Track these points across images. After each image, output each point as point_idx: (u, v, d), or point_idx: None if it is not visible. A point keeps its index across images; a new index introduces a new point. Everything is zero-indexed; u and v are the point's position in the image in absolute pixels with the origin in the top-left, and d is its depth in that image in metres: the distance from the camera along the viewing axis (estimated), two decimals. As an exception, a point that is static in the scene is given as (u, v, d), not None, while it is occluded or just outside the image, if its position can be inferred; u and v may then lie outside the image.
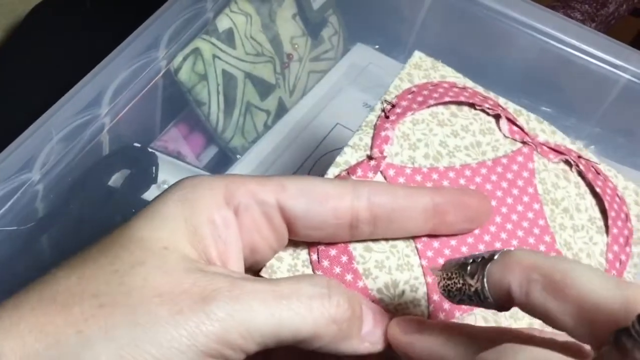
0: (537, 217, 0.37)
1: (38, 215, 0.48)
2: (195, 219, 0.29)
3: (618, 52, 0.62)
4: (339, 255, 0.33)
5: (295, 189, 0.30)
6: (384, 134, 0.36)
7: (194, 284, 0.27)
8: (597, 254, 0.37)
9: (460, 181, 0.36)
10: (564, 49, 0.63)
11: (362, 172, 0.35)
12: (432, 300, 0.33)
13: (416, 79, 0.39)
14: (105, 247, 0.28)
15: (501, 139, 0.39)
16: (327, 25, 0.70)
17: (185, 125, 0.63)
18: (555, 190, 0.38)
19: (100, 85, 0.51)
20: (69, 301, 0.26)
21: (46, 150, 0.47)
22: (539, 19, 0.63)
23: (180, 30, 0.57)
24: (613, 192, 0.39)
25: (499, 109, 0.39)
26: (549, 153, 0.39)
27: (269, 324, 0.27)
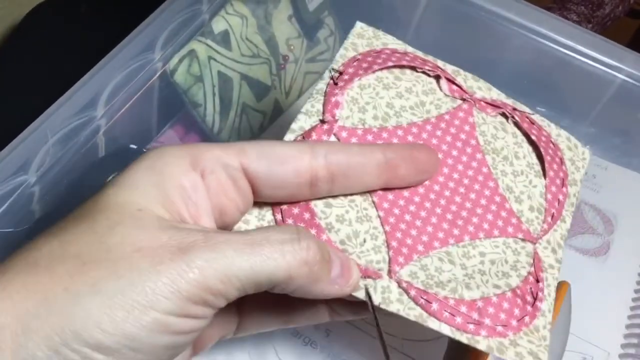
0: (480, 166, 0.40)
1: (34, 218, 0.49)
2: (165, 185, 0.30)
3: (613, 53, 0.62)
4: (301, 213, 0.35)
5: (256, 152, 0.32)
6: (334, 99, 0.39)
7: (171, 238, 0.28)
8: (537, 195, 0.41)
9: (408, 138, 0.39)
10: (559, 49, 0.63)
11: (317, 136, 0.37)
12: (392, 246, 0.36)
13: (360, 48, 0.42)
14: (83, 214, 0.29)
15: (442, 98, 0.42)
16: (323, 27, 0.70)
17: (182, 126, 0.63)
18: (495, 140, 0.41)
19: (96, 87, 0.51)
20: (53, 263, 0.27)
21: (42, 153, 0.47)
22: (534, 20, 0.63)
23: (176, 32, 0.57)
24: (547, 139, 0.43)
25: (438, 70, 0.42)
26: (486, 107, 0.42)
27: (244, 269, 0.29)
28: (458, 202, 0.38)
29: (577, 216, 0.61)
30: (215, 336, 0.37)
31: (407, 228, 0.37)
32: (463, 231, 0.38)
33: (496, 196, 0.39)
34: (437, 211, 0.38)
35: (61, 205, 0.50)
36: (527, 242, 0.39)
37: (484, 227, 0.38)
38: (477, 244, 0.38)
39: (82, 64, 0.52)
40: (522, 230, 0.39)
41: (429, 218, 0.37)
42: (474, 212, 0.38)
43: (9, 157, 0.45)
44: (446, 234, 0.37)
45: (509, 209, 0.39)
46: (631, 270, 0.58)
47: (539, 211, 0.40)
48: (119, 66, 0.53)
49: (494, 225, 0.39)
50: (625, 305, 0.55)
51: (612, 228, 0.60)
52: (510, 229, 0.39)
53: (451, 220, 0.38)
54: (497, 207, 0.39)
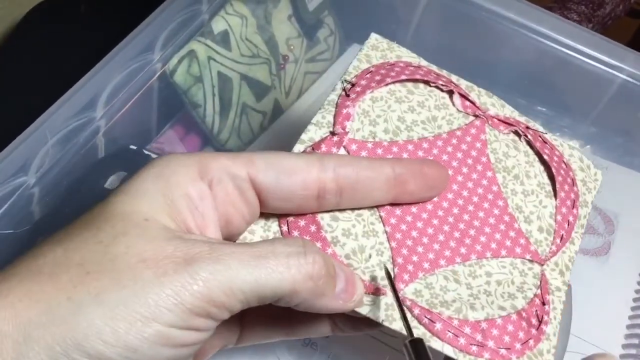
0: (490, 184, 0.40)
1: (34, 219, 0.48)
2: (172, 193, 0.30)
3: (614, 52, 0.62)
4: (307, 225, 0.35)
5: (264, 162, 0.32)
6: (345, 111, 0.38)
7: (176, 249, 0.28)
8: (547, 216, 0.40)
9: (418, 153, 0.39)
10: (559, 49, 0.63)
11: (326, 148, 0.37)
12: (397, 263, 0.36)
13: (374, 60, 0.42)
14: (88, 222, 0.29)
15: (455, 113, 0.41)
16: (322, 26, 0.70)
17: (182, 127, 0.63)
18: (506, 159, 0.41)
19: (96, 88, 0.51)
20: (56, 271, 0.27)
21: (41, 154, 0.47)
22: (535, 20, 0.63)
23: (176, 33, 0.57)
24: (559, 159, 0.42)
25: (451, 85, 0.42)
26: (499, 125, 0.42)
27: (249, 282, 0.28)
28: (466, 219, 0.38)
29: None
30: (216, 346, 0.37)
31: (414, 245, 0.36)
32: (470, 250, 0.37)
33: (505, 215, 0.39)
34: (444, 228, 0.37)
35: (61, 206, 0.50)
36: (534, 264, 0.39)
37: (491, 246, 0.38)
38: (483, 263, 0.37)
39: (82, 64, 0.52)
40: (530, 252, 0.39)
41: (436, 235, 0.37)
42: (482, 231, 0.38)
43: (8, 158, 0.45)
44: (453, 252, 0.37)
45: (517, 228, 0.39)
46: (632, 270, 0.57)
47: (548, 232, 0.40)
48: (118, 67, 0.53)
49: (502, 245, 0.38)
50: (626, 306, 0.55)
51: (613, 228, 0.60)
52: (518, 249, 0.38)
53: (459, 238, 0.37)
54: (505, 226, 0.39)
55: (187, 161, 0.31)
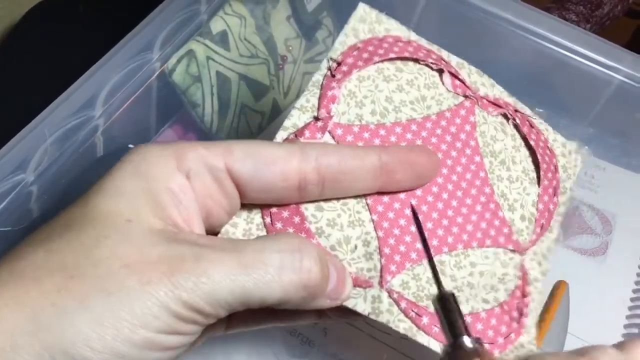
0: (478, 169, 0.39)
1: (32, 216, 0.49)
2: (153, 189, 0.29)
3: (611, 53, 0.62)
4: (291, 217, 0.34)
5: (241, 152, 0.31)
6: (330, 93, 0.37)
7: (160, 255, 0.28)
8: (529, 204, 0.40)
9: (407, 136, 0.37)
10: (557, 50, 0.63)
11: (310, 134, 0.35)
12: (384, 254, 0.35)
13: (361, 34, 0.39)
14: (69, 222, 0.29)
15: (444, 93, 0.40)
16: (321, 27, 0.70)
17: (180, 126, 0.63)
18: (494, 142, 0.40)
19: (94, 87, 0.51)
20: (39, 274, 0.27)
21: (40, 152, 0.47)
22: (532, 21, 0.63)
23: (175, 32, 0.57)
24: (544, 145, 0.42)
25: (441, 63, 0.40)
26: (488, 106, 0.41)
27: (234, 293, 0.28)
28: (454, 206, 0.37)
29: (575, 216, 0.61)
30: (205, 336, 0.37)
31: (401, 234, 0.35)
32: (457, 239, 0.37)
33: (491, 203, 0.38)
34: (433, 216, 0.36)
35: (59, 204, 0.50)
36: (515, 254, 0.38)
37: (477, 235, 0.37)
38: (469, 253, 0.37)
39: (81, 63, 0.52)
40: (512, 241, 0.38)
41: (424, 223, 0.36)
42: (469, 219, 0.37)
43: (7, 156, 0.45)
44: (440, 242, 0.36)
45: (502, 217, 0.38)
46: (629, 270, 0.58)
47: (530, 221, 0.39)
48: (117, 66, 0.53)
49: (487, 234, 0.38)
50: (623, 305, 0.55)
51: (610, 228, 0.60)
52: (501, 238, 0.38)
53: (447, 226, 0.37)
54: (491, 215, 0.38)
55: (163, 152, 0.30)
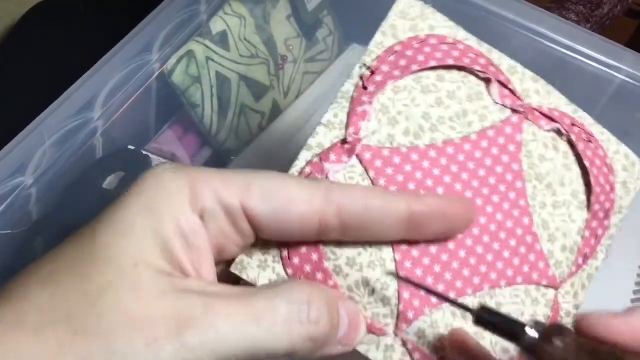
0: (518, 198, 0.35)
1: (32, 219, 0.49)
2: (164, 230, 0.28)
3: (612, 53, 0.62)
4: (309, 253, 0.31)
5: (260, 191, 0.29)
6: (360, 109, 0.33)
7: (167, 307, 0.26)
8: (574, 232, 0.36)
9: (441, 161, 0.34)
10: (558, 49, 0.63)
11: (336, 157, 0.32)
12: (403, 299, 0.32)
13: (401, 33, 0.35)
14: (74, 259, 0.27)
15: (490, 106, 0.36)
16: (322, 27, 0.70)
17: (180, 127, 0.63)
18: (541, 163, 0.36)
19: (93, 88, 0.51)
20: (42, 324, 0.26)
21: (39, 155, 0.47)
22: (533, 20, 0.63)
23: (174, 33, 0.57)
24: (602, 162, 0.37)
25: (490, 71, 0.36)
26: (540, 119, 0.36)
27: (243, 347, 0.27)
28: (486, 242, 0.34)
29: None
30: None
31: (424, 275, 0.32)
32: (484, 279, 0.33)
33: (528, 235, 0.35)
34: (460, 255, 0.33)
35: (59, 206, 0.50)
36: (549, 289, 0.35)
37: (507, 274, 0.34)
38: (496, 292, 0.34)
39: (81, 64, 0.52)
40: (548, 277, 0.35)
41: (450, 263, 0.33)
42: (500, 256, 0.34)
43: (5, 159, 0.45)
44: (465, 283, 0.33)
45: (539, 250, 0.35)
46: (631, 270, 0.57)
47: (571, 251, 0.36)
48: (116, 67, 0.53)
49: (519, 271, 0.34)
50: (624, 305, 0.55)
51: (611, 228, 0.60)
52: (535, 275, 0.35)
53: (474, 265, 0.33)
54: (526, 249, 0.35)
55: (177, 186, 0.28)
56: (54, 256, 0.28)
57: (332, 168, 0.32)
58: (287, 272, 0.32)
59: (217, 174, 0.29)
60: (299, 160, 0.33)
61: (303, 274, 0.32)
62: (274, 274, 0.32)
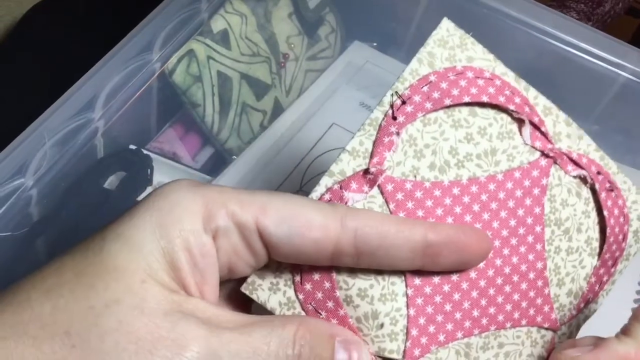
0: (535, 242, 0.35)
1: (32, 221, 0.49)
2: (172, 248, 0.28)
3: (616, 50, 0.62)
4: (322, 281, 0.31)
5: (277, 214, 0.29)
6: (387, 139, 0.33)
7: (173, 329, 0.27)
8: (582, 277, 0.36)
9: (464, 199, 0.33)
10: (561, 47, 0.62)
11: (357, 186, 0.32)
12: (411, 335, 0.32)
13: (438, 62, 0.34)
14: (81, 271, 0.27)
15: (520, 146, 0.35)
16: (323, 24, 0.69)
17: (181, 126, 0.63)
18: (563, 208, 0.36)
19: (94, 88, 0.51)
20: (41, 335, 0.26)
21: (39, 156, 0.47)
22: (537, 17, 0.62)
23: (175, 32, 0.57)
24: (620, 211, 0.37)
25: (524, 112, 0.35)
26: (568, 164, 0.36)
27: None
28: (498, 284, 0.34)
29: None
30: None
31: (434, 313, 0.32)
32: (491, 320, 0.34)
33: (539, 280, 0.35)
34: (472, 295, 0.33)
35: (60, 207, 0.50)
36: (549, 331, 0.36)
37: (514, 316, 0.34)
38: (500, 333, 0.34)
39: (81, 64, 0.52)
40: (550, 320, 0.35)
41: (461, 303, 0.33)
42: (510, 298, 0.34)
43: (5, 160, 0.45)
44: (473, 323, 0.33)
45: (546, 294, 0.35)
46: (633, 272, 0.57)
47: (576, 296, 0.36)
48: (117, 67, 0.53)
49: (525, 314, 0.35)
50: (627, 307, 0.55)
51: (613, 228, 0.60)
52: (539, 318, 0.35)
53: (484, 306, 0.33)
54: (535, 293, 0.35)
55: (191, 206, 0.29)
56: (60, 265, 0.28)
57: (352, 197, 0.32)
58: (299, 297, 0.32)
59: (233, 193, 0.29)
60: (320, 185, 0.32)
61: (314, 300, 0.32)
62: (284, 298, 0.32)
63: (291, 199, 0.30)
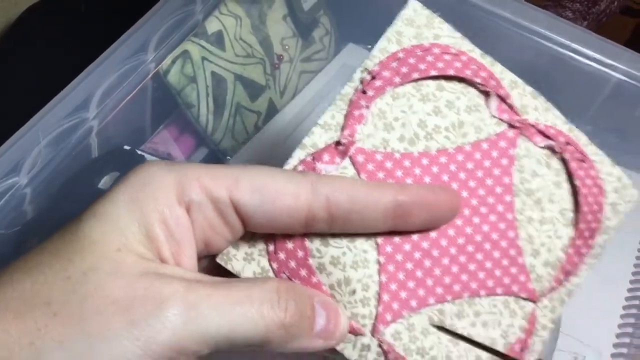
0: (506, 211, 0.35)
1: (26, 219, 0.49)
2: (147, 220, 0.28)
3: (609, 51, 0.62)
4: (295, 250, 0.32)
5: (249, 185, 0.30)
6: (357, 113, 0.33)
7: (149, 287, 0.27)
8: (558, 248, 0.37)
9: (433, 169, 0.34)
10: (554, 48, 0.63)
11: (329, 158, 0.33)
12: (382, 301, 0.33)
13: (406, 40, 0.35)
14: (59, 249, 0.28)
15: (487, 119, 0.36)
16: (318, 26, 0.70)
17: (176, 127, 0.63)
18: (533, 179, 0.37)
19: (89, 89, 0.51)
20: (22, 308, 0.26)
21: (34, 154, 0.47)
22: (530, 19, 0.63)
23: (170, 33, 0.57)
24: (593, 182, 0.38)
25: (490, 84, 0.36)
26: (536, 135, 0.37)
27: (222, 330, 0.27)
28: (470, 252, 0.34)
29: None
30: None
31: (405, 279, 0.33)
32: (464, 287, 0.34)
33: (512, 249, 0.35)
34: (443, 262, 0.34)
35: (53, 206, 0.50)
36: (528, 302, 0.36)
37: (488, 284, 0.35)
38: (475, 301, 0.35)
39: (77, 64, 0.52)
40: (527, 290, 0.36)
41: (432, 269, 0.33)
42: (482, 266, 0.35)
43: (1, 158, 0.46)
44: (445, 290, 0.34)
45: (521, 264, 0.35)
46: (624, 269, 0.57)
47: (553, 267, 0.36)
48: (111, 67, 0.53)
49: (500, 283, 0.35)
50: (618, 304, 0.55)
51: (606, 227, 0.60)
52: (515, 287, 0.35)
53: (456, 273, 0.34)
54: (509, 261, 0.35)
55: (165, 181, 0.29)
56: (40, 249, 0.28)
57: (324, 168, 0.33)
58: (272, 267, 0.32)
59: (205, 168, 0.30)
60: (293, 158, 0.33)
61: (288, 269, 0.32)
62: (258, 267, 0.32)
63: (263, 170, 0.30)
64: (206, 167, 0.30)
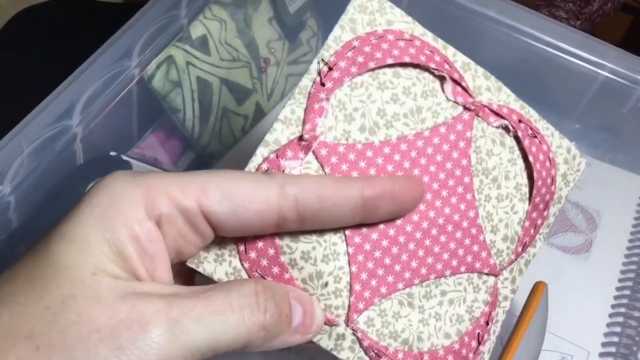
0: (465, 192, 0.37)
1: (10, 227, 0.49)
2: (118, 239, 0.28)
3: (595, 49, 0.62)
4: (266, 248, 0.32)
5: (218, 192, 0.29)
6: (317, 105, 0.34)
7: (131, 310, 0.26)
8: (515, 222, 0.38)
9: (395, 157, 0.35)
10: (541, 47, 0.63)
11: (292, 154, 0.33)
12: (354, 291, 0.33)
13: (359, 27, 0.35)
14: (32, 276, 0.27)
15: (443, 103, 0.37)
16: (305, 28, 0.70)
17: (163, 131, 0.63)
18: (489, 158, 0.38)
19: (72, 96, 0.51)
20: (3, 344, 0.25)
21: (17, 163, 0.47)
22: (517, 18, 0.63)
23: (154, 38, 0.57)
24: (545, 156, 0.39)
25: (444, 69, 0.37)
26: (489, 116, 0.38)
27: (206, 341, 0.27)
28: (434, 235, 0.35)
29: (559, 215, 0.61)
30: None
31: (375, 267, 0.34)
32: (430, 270, 0.35)
33: (473, 228, 0.37)
34: (410, 247, 0.35)
35: (37, 215, 0.50)
36: (490, 276, 0.37)
37: (452, 264, 0.36)
38: (441, 282, 0.36)
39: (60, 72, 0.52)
40: (489, 265, 0.37)
41: (400, 255, 0.34)
42: (446, 247, 0.36)
43: (-18, 168, 0.46)
44: (413, 274, 0.35)
45: (482, 241, 0.37)
46: (613, 268, 0.57)
47: (512, 241, 0.38)
48: (95, 74, 0.53)
49: (463, 261, 0.36)
50: (606, 304, 0.55)
51: (594, 226, 0.60)
52: (478, 264, 0.37)
53: (422, 257, 0.35)
54: (470, 240, 0.37)
55: (132, 195, 0.28)
56: (11, 274, 0.28)
57: (288, 165, 0.33)
58: (244, 266, 0.33)
59: (172, 178, 0.30)
60: (256, 156, 0.33)
61: (260, 267, 0.33)
62: (230, 268, 0.32)
63: (230, 175, 0.30)
64: (172, 177, 0.30)
